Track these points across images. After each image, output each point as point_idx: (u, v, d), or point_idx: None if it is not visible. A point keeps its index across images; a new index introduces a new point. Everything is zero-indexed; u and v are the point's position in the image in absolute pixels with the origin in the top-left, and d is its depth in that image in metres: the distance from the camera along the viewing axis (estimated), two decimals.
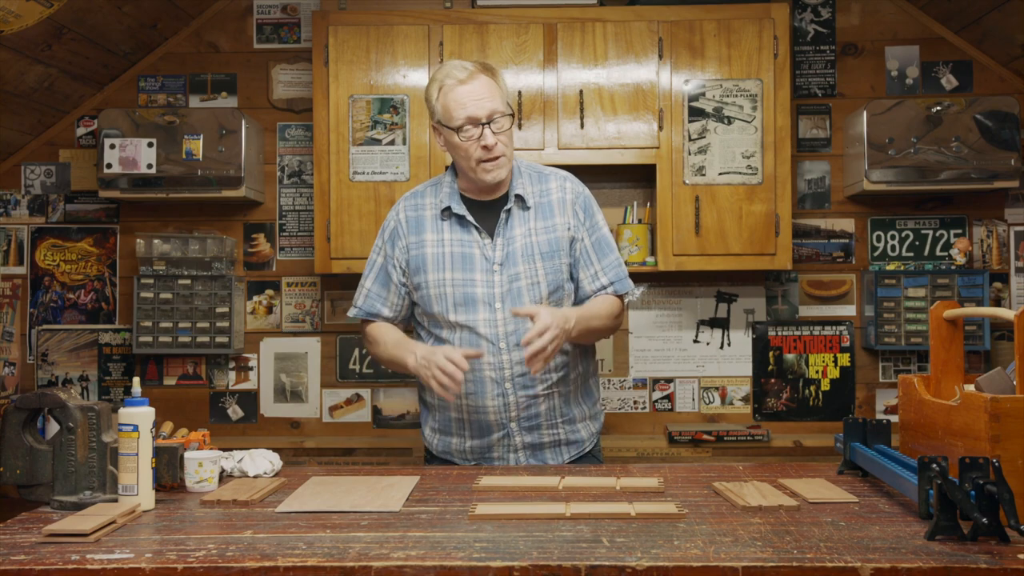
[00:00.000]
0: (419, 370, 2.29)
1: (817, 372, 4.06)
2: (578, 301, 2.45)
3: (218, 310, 3.94)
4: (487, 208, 2.41)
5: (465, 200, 2.41)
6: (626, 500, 1.84)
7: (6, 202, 4.14)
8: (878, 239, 4.07)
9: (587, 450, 2.48)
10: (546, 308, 2.24)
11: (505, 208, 2.38)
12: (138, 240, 3.98)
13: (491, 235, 2.38)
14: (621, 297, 2.47)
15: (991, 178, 3.73)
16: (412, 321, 2.53)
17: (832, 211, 4.08)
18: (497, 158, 2.31)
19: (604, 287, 2.43)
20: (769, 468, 2.21)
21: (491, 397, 2.35)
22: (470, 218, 2.37)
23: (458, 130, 2.29)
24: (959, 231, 4.05)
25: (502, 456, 2.39)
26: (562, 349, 2.36)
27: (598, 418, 2.55)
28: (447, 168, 2.51)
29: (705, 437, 3.78)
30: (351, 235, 3.75)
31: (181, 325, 3.93)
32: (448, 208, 2.39)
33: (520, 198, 2.40)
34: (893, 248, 4.06)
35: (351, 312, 2.52)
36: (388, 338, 2.44)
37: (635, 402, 4.07)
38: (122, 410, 1.83)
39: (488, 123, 2.28)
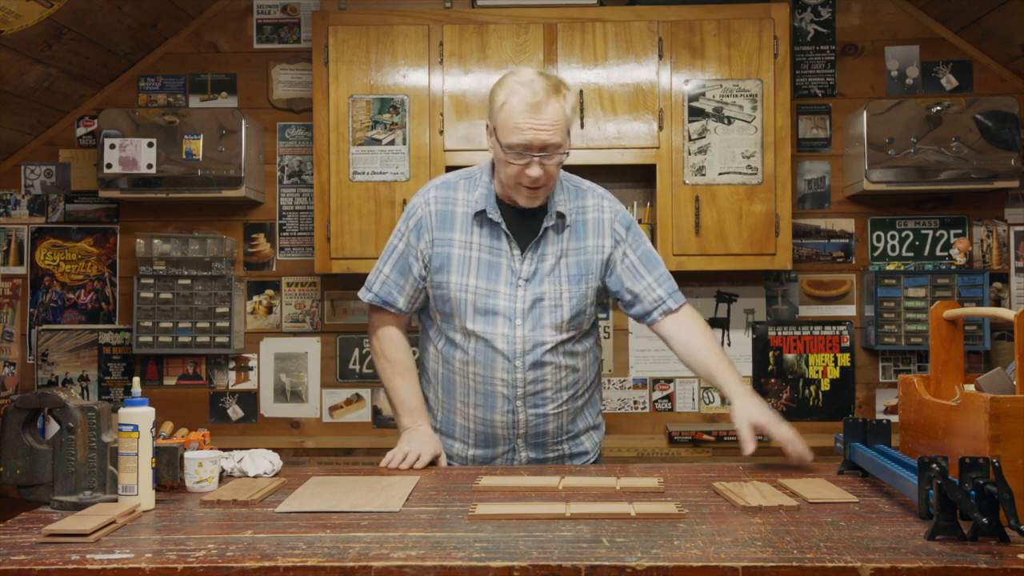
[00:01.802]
0: (400, 441, 2.30)
1: (817, 372, 4.06)
2: (638, 315, 2.37)
3: (218, 310, 3.94)
4: (522, 216, 2.28)
5: (502, 206, 2.28)
6: (626, 500, 1.84)
7: (6, 202, 4.15)
8: (878, 239, 4.07)
9: (591, 461, 2.43)
10: (762, 418, 2.16)
11: (546, 225, 2.26)
12: (138, 240, 3.98)
13: (521, 247, 2.27)
14: (681, 308, 2.37)
15: (991, 178, 3.73)
16: (422, 315, 2.43)
17: (832, 211, 4.08)
18: (538, 188, 2.20)
19: (662, 299, 2.33)
20: (769, 468, 2.21)
21: (501, 413, 2.29)
22: (505, 227, 2.26)
23: (507, 148, 2.16)
24: (959, 231, 4.05)
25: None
26: (573, 367, 2.32)
27: (600, 427, 2.49)
28: (483, 165, 2.38)
29: (705, 437, 3.78)
30: (351, 235, 3.75)
31: (181, 325, 3.93)
32: (482, 211, 2.27)
33: (561, 215, 2.28)
34: (893, 248, 4.06)
35: (364, 296, 2.39)
36: (402, 384, 2.38)
37: (635, 402, 4.07)
38: (122, 410, 1.82)
39: (540, 156, 2.15)
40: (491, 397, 2.29)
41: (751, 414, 2.17)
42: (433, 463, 2.27)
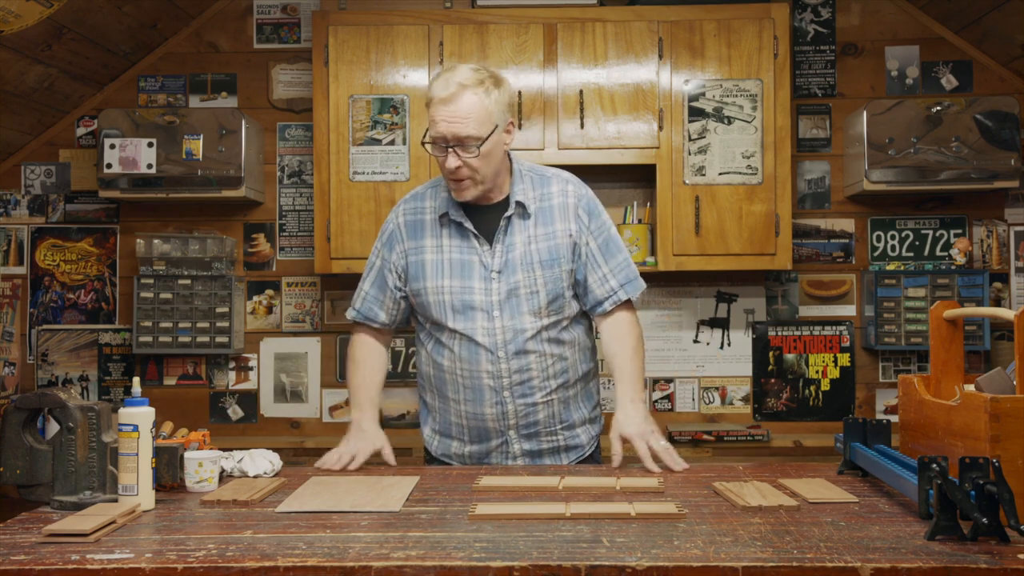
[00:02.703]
0: (343, 439, 2.41)
1: (817, 372, 4.06)
2: (590, 305, 2.40)
3: (218, 310, 3.94)
4: (487, 213, 2.34)
5: (465, 205, 2.34)
6: (626, 500, 1.84)
7: (6, 202, 4.15)
8: (878, 239, 4.07)
9: (587, 454, 2.47)
10: (630, 429, 2.27)
11: (505, 215, 2.32)
12: (138, 240, 3.98)
13: (490, 241, 2.32)
14: (628, 303, 2.41)
15: (991, 178, 3.73)
16: (413, 320, 2.50)
17: (832, 211, 4.08)
18: (460, 180, 2.24)
19: (614, 290, 2.36)
20: (769, 468, 2.21)
21: (489, 405, 2.33)
22: (469, 225, 2.32)
23: (428, 141, 2.25)
24: (959, 231, 4.05)
25: (500, 462, 2.39)
26: (560, 355, 2.36)
27: (598, 421, 2.52)
28: None
29: (705, 437, 3.78)
30: (351, 235, 3.75)
31: (181, 325, 3.93)
32: (447, 214, 2.34)
33: (521, 204, 2.33)
34: (893, 248, 4.06)
35: (349, 314, 2.50)
36: (359, 378, 2.48)
37: None
38: (122, 410, 1.83)
39: (454, 146, 2.21)
40: (479, 391, 2.33)
41: (622, 427, 2.30)
42: (378, 457, 2.38)
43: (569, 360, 2.39)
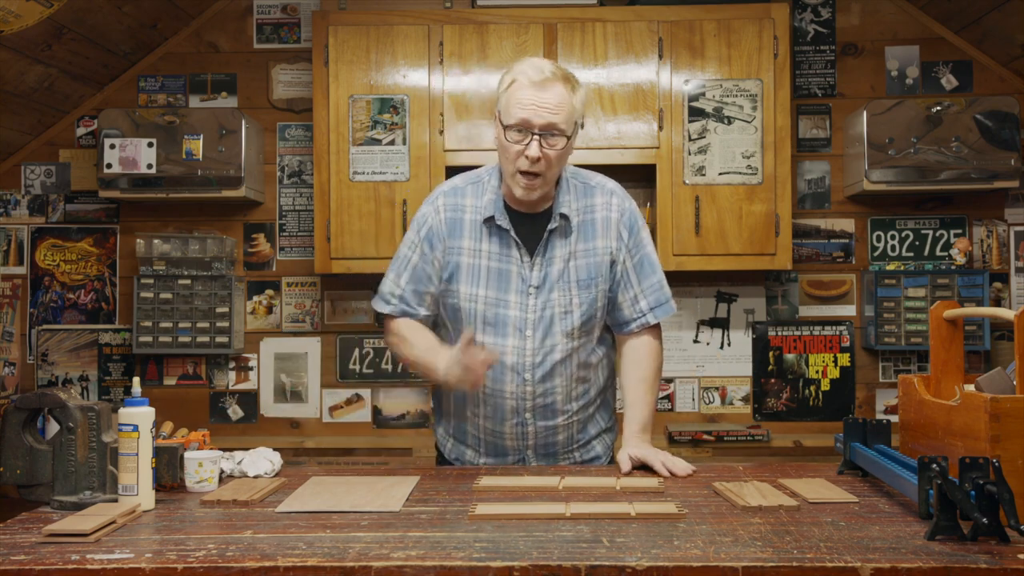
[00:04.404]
0: (448, 379, 2.15)
1: (817, 372, 4.06)
2: (616, 323, 2.31)
3: (218, 310, 3.94)
4: (530, 222, 2.21)
5: (509, 210, 2.21)
6: (626, 500, 1.84)
7: (6, 202, 4.15)
8: (878, 239, 4.07)
9: (604, 463, 2.39)
10: (638, 452, 2.15)
11: (549, 228, 2.19)
12: (138, 240, 3.98)
13: (531, 253, 2.20)
14: (656, 327, 2.32)
15: (991, 178, 3.73)
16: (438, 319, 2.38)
17: (832, 211, 4.08)
18: (535, 175, 2.12)
19: (643, 312, 2.27)
20: (769, 468, 2.21)
21: (509, 425, 2.25)
22: (514, 235, 2.19)
23: (507, 128, 2.11)
24: (959, 231, 4.05)
25: None
26: (585, 377, 2.28)
27: (613, 430, 2.45)
28: (491, 168, 2.31)
29: (705, 437, 3.78)
30: (351, 235, 3.75)
31: (181, 325, 3.93)
32: (491, 217, 2.21)
33: (564, 217, 2.21)
34: (893, 248, 4.06)
35: (383, 308, 2.32)
36: (419, 340, 2.26)
37: None
38: (122, 410, 1.83)
39: (540, 135, 2.08)
40: (499, 410, 2.25)
41: (630, 450, 2.17)
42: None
43: (591, 380, 2.31)
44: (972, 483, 1.52)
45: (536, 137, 2.09)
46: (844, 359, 4.06)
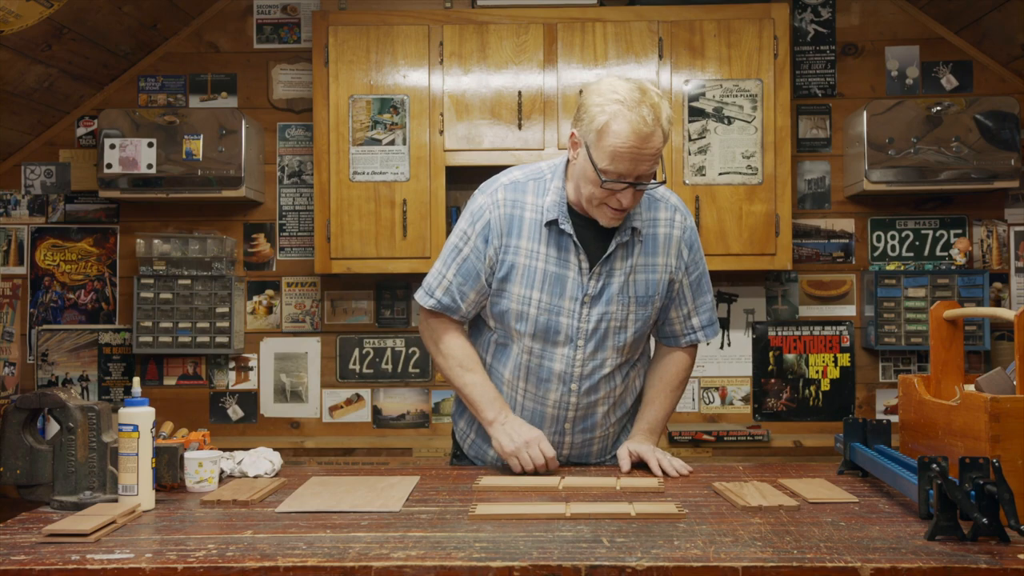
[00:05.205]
0: (502, 441, 2.10)
1: (817, 372, 4.06)
2: (664, 335, 2.28)
3: (218, 310, 3.94)
4: (593, 227, 2.13)
5: (573, 214, 2.13)
6: (626, 500, 1.84)
7: (6, 202, 4.15)
8: (878, 239, 4.07)
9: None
10: (639, 448, 2.15)
11: (619, 240, 2.12)
12: (138, 240, 3.98)
13: (591, 261, 2.12)
14: (695, 346, 2.31)
15: (991, 178, 3.73)
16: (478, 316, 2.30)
17: (832, 211, 4.08)
18: (623, 211, 2.06)
19: (695, 330, 2.25)
20: (769, 468, 2.21)
21: (548, 434, 2.18)
22: (577, 240, 2.11)
23: (603, 172, 1.99)
24: (959, 231, 4.05)
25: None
26: (627, 388, 2.25)
27: None
28: (553, 165, 2.22)
29: (705, 437, 3.78)
30: (351, 235, 3.75)
31: (181, 325, 3.93)
32: (554, 220, 2.12)
33: (635, 230, 2.14)
34: (893, 248, 4.06)
35: (425, 301, 2.22)
36: (479, 379, 2.19)
37: None
38: (122, 410, 1.83)
39: (638, 186, 2.01)
40: (539, 417, 2.20)
41: (631, 445, 2.18)
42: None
43: (631, 392, 2.29)
44: (972, 483, 1.52)
45: (630, 186, 2.01)
46: (844, 359, 4.06)
